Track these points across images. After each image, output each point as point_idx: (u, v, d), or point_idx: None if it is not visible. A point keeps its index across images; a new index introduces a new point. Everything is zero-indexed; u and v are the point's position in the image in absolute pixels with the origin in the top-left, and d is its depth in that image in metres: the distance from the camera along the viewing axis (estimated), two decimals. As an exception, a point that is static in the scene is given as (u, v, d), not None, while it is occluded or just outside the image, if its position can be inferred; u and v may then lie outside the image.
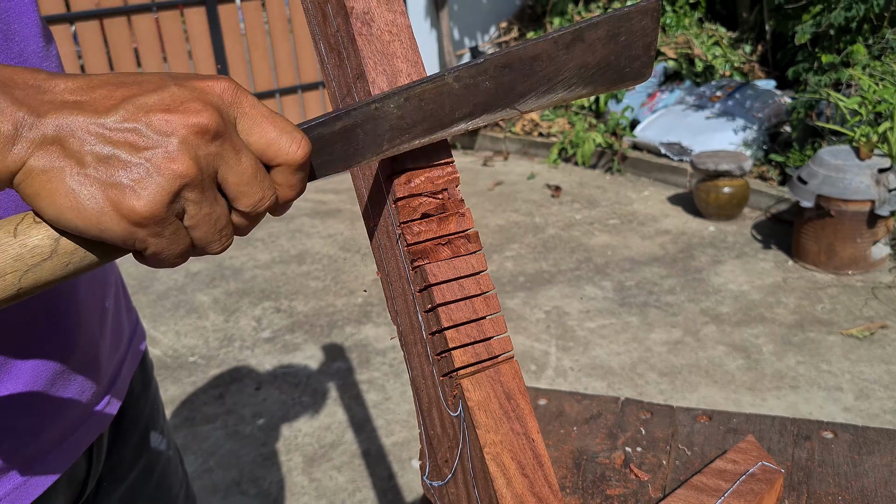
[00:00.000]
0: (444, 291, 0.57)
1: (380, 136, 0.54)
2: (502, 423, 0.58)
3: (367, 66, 0.57)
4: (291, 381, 3.29)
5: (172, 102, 0.46)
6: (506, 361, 0.60)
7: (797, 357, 3.21)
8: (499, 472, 0.57)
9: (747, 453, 0.94)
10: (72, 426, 0.81)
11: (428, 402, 0.64)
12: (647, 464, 1.01)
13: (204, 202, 0.47)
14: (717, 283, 3.91)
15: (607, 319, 3.63)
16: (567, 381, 3.15)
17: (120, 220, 0.45)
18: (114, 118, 0.45)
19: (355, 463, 2.73)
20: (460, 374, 0.58)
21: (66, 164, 0.45)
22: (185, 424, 3.01)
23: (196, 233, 0.48)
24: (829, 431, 1.05)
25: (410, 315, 0.62)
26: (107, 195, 0.45)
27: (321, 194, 5.58)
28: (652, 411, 1.12)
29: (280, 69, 6.05)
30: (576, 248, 4.45)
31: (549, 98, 0.59)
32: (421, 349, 0.62)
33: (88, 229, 0.45)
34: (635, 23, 0.59)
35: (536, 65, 0.57)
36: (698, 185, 4.66)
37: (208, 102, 0.47)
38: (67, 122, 0.45)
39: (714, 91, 5.69)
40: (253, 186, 0.49)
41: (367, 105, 0.53)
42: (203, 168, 0.47)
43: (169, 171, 0.45)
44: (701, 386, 3.05)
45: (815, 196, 3.78)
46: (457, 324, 0.58)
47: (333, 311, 3.88)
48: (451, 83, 0.55)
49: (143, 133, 0.45)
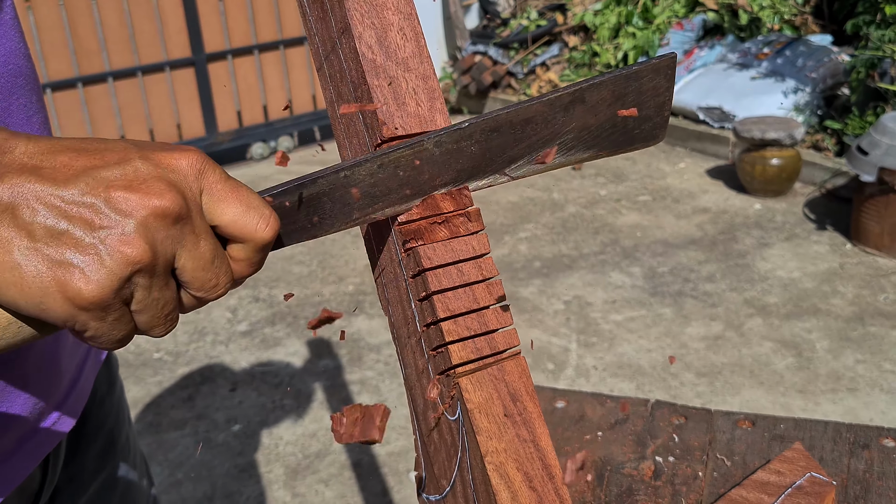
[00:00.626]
0: (440, 277, 0.57)
1: (349, 204, 0.55)
2: (507, 429, 0.58)
3: (352, 19, 0.57)
4: (271, 381, 3.30)
5: (135, 179, 0.49)
6: (511, 358, 0.59)
7: (856, 355, 3.22)
8: (502, 485, 0.57)
9: (794, 463, 0.95)
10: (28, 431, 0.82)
11: (423, 404, 0.64)
12: (680, 475, 1.02)
13: (154, 287, 0.50)
14: (764, 269, 3.91)
15: (636, 311, 3.63)
16: (590, 381, 3.16)
17: (64, 302, 0.47)
18: (72, 191, 0.47)
19: (345, 475, 2.75)
20: (458, 373, 0.58)
21: (14, 234, 0.47)
22: (150, 430, 3.02)
23: (141, 317, 0.51)
24: (890, 439, 1.05)
25: (403, 304, 0.61)
26: (54, 274, 0.47)
27: (307, 166, 5.58)
28: (686, 415, 1.13)
29: (259, 21, 6.04)
30: (600, 228, 4.45)
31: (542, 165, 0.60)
32: (415, 343, 0.62)
33: (28, 307, 0.47)
34: (645, 82, 0.60)
35: (530, 128, 0.58)
36: (742, 157, 4.65)
37: (172, 182, 0.49)
38: (23, 189, 0.47)
39: (761, 47, 5.66)
40: (209, 272, 0.52)
41: (336, 173, 0.54)
42: (158, 253, 0.49)
43: (122, 256, 0.47)
44: (744, 388, 3.06)
45: (878, 169, 3.77)
46: (454, 314, 0.57)
47: (320, 300, 3.89)
48: (432, 149, 0.56)
49: (100, 210, 0.47)
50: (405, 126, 0.58)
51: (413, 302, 0.59)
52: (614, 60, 6.31)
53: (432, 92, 0.60)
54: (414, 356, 0.62)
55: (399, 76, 0.59)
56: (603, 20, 6.51)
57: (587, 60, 6.50)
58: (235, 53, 5.99)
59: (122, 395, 1.09)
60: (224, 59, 5.96)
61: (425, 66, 0.60)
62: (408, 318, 0.61)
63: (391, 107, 0.58)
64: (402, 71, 0.59)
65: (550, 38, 6.87)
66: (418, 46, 0.60)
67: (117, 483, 1.04)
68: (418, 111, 0.58)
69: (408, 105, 0.58)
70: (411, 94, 0.59)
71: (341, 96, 0.63)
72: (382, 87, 0.58)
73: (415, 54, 0.59)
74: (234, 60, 6.01)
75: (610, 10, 6.56)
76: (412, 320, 0.61)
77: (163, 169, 0.50)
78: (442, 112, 0.60)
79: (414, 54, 0.59)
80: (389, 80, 0.58)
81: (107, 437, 1.02)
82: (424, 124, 0.58)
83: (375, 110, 0.57)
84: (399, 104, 0.58)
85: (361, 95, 0.59)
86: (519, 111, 0.57)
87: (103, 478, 1.01)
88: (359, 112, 0.60)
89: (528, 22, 6.94)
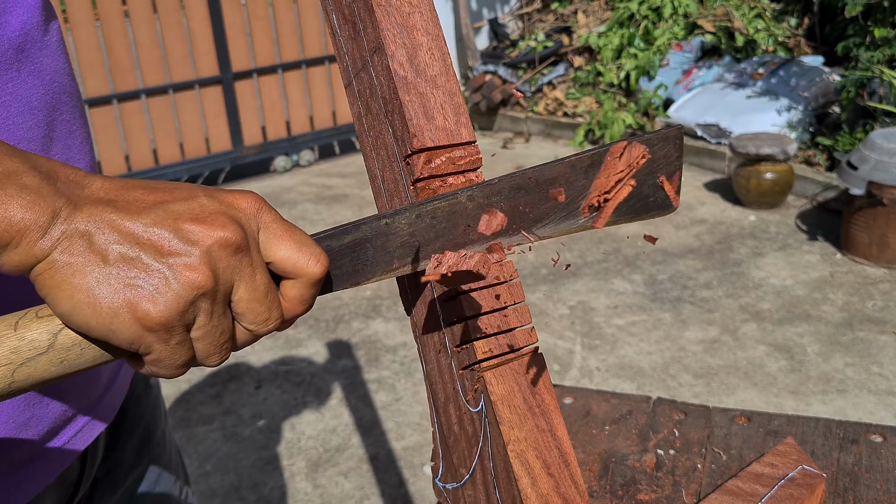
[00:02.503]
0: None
1: (390, 252, 0.56)
2: (527, 419, 0.59)
3: (385, 39, 0.58)
4: (294, 379, 3.31)
5: (201, 213, 0.50)
6: (529, 354, 0.60)
7: (845, 358, 3.21)
8: (523, 471, 0.58)
9: (786, 456, 0.95)
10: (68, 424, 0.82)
11: (444, 397, 0.65)
12: (680, 467, 1.02)
13: (214, 314, 0.51)
14: (758, 277, 3.90)
15: (637, 316, 3.63)
16: (593, 382, 3.16)
17: (132, 323, 0.48)
18: (144, 221, 0.49)
19: (363, 468, 2.75)
20: (482, 367, 0.59)
21: (90, 259, 0.48)
22: (181, 425, 3.04)
23: (200, 344, 0.52)
24: (877, 435, 1.05)
25: (427, 304, 0.62)
26: (124, 296, 0.48)
27: (326, 178, 5.61)
28: (686, 412, 1.13)
29: (283, 42, 6.06)
30: (603, 238, 4.45)
31: (568, 224, 0.60)
32: (438, 341, 0.62)
33: (98, 327, 0.49)
34: (657, 150, 0.61)
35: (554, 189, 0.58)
36: (738, 171, 4.65)
37: (233, 217, 0.51)
38: (100, 217, 0.49)
39: (756, 68, 5.66)
40: (262, 304, 0.53)
41: (378, 220, 0.55)
42: (220, 280, 0.50)
43: (187, 280, 0.49)
44: (739, 389, 3.06)
45: (867, 183, 3.77)
46: (479, 313, 0.58)
47: (339, 304, 3.90)
48: (464, 202, 0.56)
49: (169, 239, 0.49)
50: (434, 139, 0.59)
51: (438, 302, 0.60)
52: (617, 80, 6.31)
53: (458, 107, 0.60)
54: (437, 354, 0.63)
55: (428, 92, 0.59)
56: (606, 42, 6.52)
57: (591, 80, 6.50)
58: (260, 72, 6.02)
59: (158, 393, 1.10)
60: (250, 77, 5.99)
61: (451, 83, 0.60)
62: (431, 317, 0.62)
63: (421, 120, 0.59)
64: (430, 87, 0.60)
65: (557, 59, 6.88)
66: (445, 65, 0.60)
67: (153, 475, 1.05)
68: (445, 125, 0.59)
69: (436, 119, 0.59)
70: (439, 108, 0.60)
71: (370, 111, 0.64)
72: (413, 101, 0.59)
73: (442, 72, 0.60)
74: (259, 79, 6.03)
75: (613, 32, 6.56)
76: (436, 319, 0.62)
77: (226, 206, 0.52)
78: (466, 126, 0.60)
79: (441, 72, 0.60)
80: (420, 95, 0.59)
81: (143, 433, 1.03)
82: (451, 137, 0.59)
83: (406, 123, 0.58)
84: (428, 118, 0.59)
85: (392, 109, 0.60)
86: (544, 171, 0.58)
87: (139, 471, 1.02)
88: (389, 126, 0.61)
89: (536, 43, 6.95)
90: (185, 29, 5.68)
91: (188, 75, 5.76)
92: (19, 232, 0.47)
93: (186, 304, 0.49)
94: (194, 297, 0.49)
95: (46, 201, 0.48)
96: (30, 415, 0.77)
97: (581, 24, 6.94)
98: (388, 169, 0.63)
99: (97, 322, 0.48)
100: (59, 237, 0.48)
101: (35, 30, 0.75)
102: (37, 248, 0.48)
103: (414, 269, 0.57)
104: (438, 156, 0.59)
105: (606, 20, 6.84)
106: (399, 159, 0.60)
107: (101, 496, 0.95)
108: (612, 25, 6.61)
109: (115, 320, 0.48)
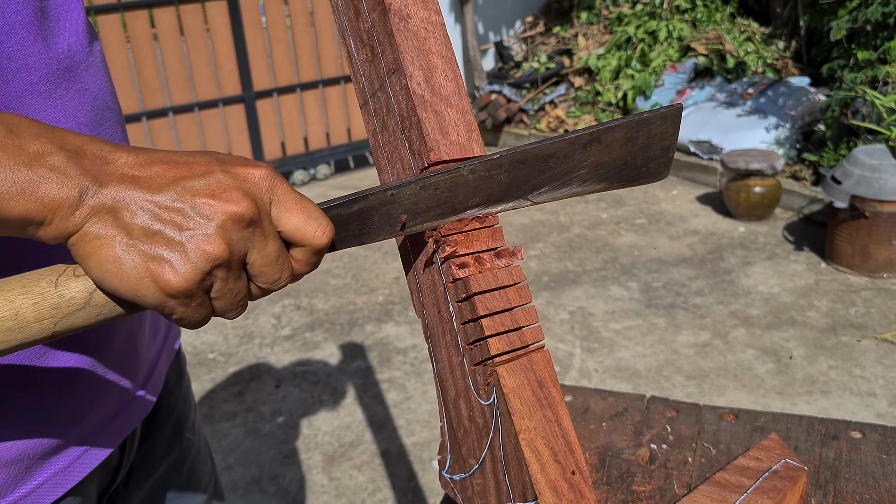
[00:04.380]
0: (479, 281, 0.60)
1: (393, 218, 0.58)
2: (536, 410, 0.60)
3: (404, 61, 0.60)
4: (311, 379, 3.33)
5: (217, 189, 0.52)
6: (537, 350, 0.62)
7: (829, 361, 3.21)
8: (533, 458, 0.59)
9: (770, 451, 0.96)
10: (111, 415, 0.84)
11: (455, 393, 0.66)
12: (672, 461, 1.03)
13: (229, 279, 0.54)
14: (747, 284, 3.90)
15: (633, 321, 3.64)
16: (591, 382, 3.16)
17: (156, 291, 0.51)
18: (164, 197, 0.51)
19: (375, 462, 2.76)
20: (496, 362, 0.60)
21: (116, 233, 0.51)
22: (205, 421, 3.05)
23: (218, 303, 0.55)
24: (857, 431, 1.06)
25: (440, 306, 0.64)
26: (148, 267, 0.50)
27: (341, 191, 5.62)
28: (678, 409, 1.14)
29: (301, 63, 6.09)
30: (601, 247, 4.46)
31: (562, 192, 0.62)
32: (450, 339, 0.64)
33: (125, 293, 0.51)
34: (654, 128, 0.62)
35: (551, 162, 0.60)
36: (728, 185, 4.65)
37: (247, 192, 0.53)
38: (124, 195, 0.51)
39: (746, 88, 5.67)
40: (273, 268, 0.55)
41: (384, 191, 0.57)
42: (234, 251, 0.53)
43: (204, 253, 0.51)
44: (729, 389, 3.06)
45: (850, 196, 3.77)
46: (492, 312, 0.60)
47: (354, 309, 3.91)
48: (467, 175, 0.58)
49: (187, 214, 0.51)
50: (449, 152, 0.60)
51: (452, 303, 0.62)
52: (615, 98, 6.32)
53: (469, 124, 0.62)
54: (448, 352, 0.64)
55: (443, 110, 0.61)
56: (605, 63, 6.53)
57: (591, 99, 6.51)
58: (280, 91, 6.04)
59: (188, 387, 1.11)
60: (270, 96, 6.01)
61: (463, 102, 0.62)
62: (443, 318, 0.63)
63: (437, 136, 0.60)
64: (445, 106, 0.61)
65: (558, 79, 6.89)
66: (458, 86, 0.62)
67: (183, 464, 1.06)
68: (458, 140, 0.61)
69: (450, 135, 0.61)
70: (453, 125, 0.61)
71: (386, 128, 0.65)
72: (430, 118, 0.60)
73: (455, 92, 0.62)
74: (279, 97, 6.06)
75: (611, 54, 6.58)
76: (448, 319, 0.63)
77: (240, 180, 0.53)
78: (477, 142, 0.62)
79: (454, 92, 0.62)
80: (436, 113, 0.60)
81: (175, 423, 1.04)
82: (464, 151, 0.61)
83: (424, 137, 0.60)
84: (444, 134, 0.60)
85: (409, 126, 0.61)
86: (544, 147, 0.59)
87: (172, 458, 1.03)
88: (405, 141, 0.62)
89: (539, 65, 6.96)
90: (210, 51, 5.71)
91: (213, 94, 5.79)
92: (51, 210, 0.50)
93: (204, 273, 0.51)
94: (210, 268, 0.51)
95: (74, 180, 0.50)
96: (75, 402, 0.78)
97: (581, 47, 6.96)
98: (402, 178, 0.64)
99: (124, 289, 0.51)
100: (87, 213, 0.50)
101: (80, 51, 0.76)
102: (69, 223, 0.50)
103: (414, 229, 0.59)
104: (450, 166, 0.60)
105: (605, 43, 6.85)
106: (415, 171, 0.62)
107: (137, 481, 0.97)
108: (611, 48, 6.63)
109: (140, 288, 0.51)
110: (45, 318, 0.50)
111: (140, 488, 0.97)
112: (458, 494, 0.70)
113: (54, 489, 0.77)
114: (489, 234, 0.62)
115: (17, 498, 0.74)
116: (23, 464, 0.74)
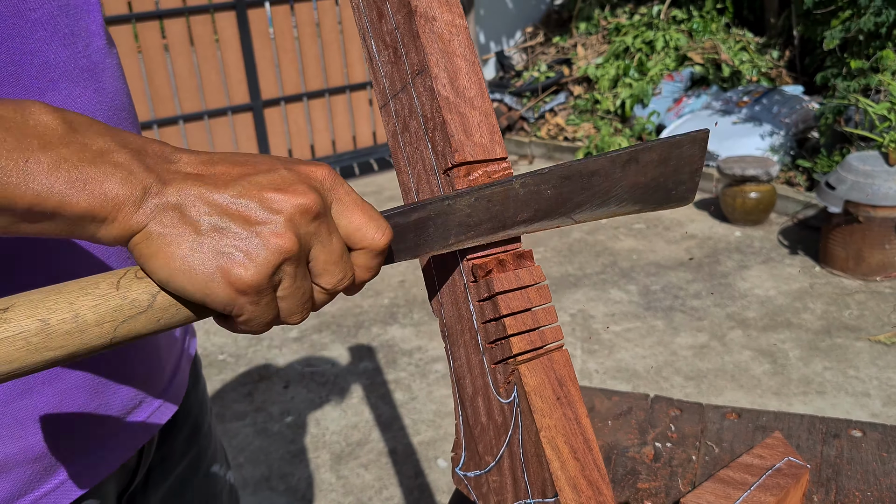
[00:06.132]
0: (501, 281, 0.59)
1: (448, 230, 0.57)
2: (556, 409, 0.60)
3: (430, 63, 0.59)
4: (319, 380, 3.33)
5: (282, 183, 0.50)
6: (557, 350, 0.62)
7: (824, 363, 3.21)
8: (554, 455, 0.59)
9: (774, 449, 0.96)
10: (135, 416, 0.84)
11: (473, 391, 0.65)
12: (676, 459, 1.03)
13: (297, 276, 0.51)
14: (744, 288, 3.90)
15: (633, 323, 3.64)
16: (592, 383, 3.16)
17: (226, 287, 0.48)
18: (230, 193, 0.49)
19: (382, 461, 2.76)
20: (517, 361, 0.60)
21: (183, 230, 0.48)
22: (216, 421, 3.04)
23: (284, 303, 0.52)
24: (857, 430, 1.06)
25: (459, 305, 0.63)
26: (218, 263, 0.48)
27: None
28: (682, 408, 1.14)
29: (308, 73, 6.10)
30: (601, 252, 4.46)
31: (601, 211, 0.62)
32: (469, 338, 0.63)
33: (195, 293, 0.49)
34: (685, 150, 0.63)
35: (594, 179, 0.60)
36: (724, 191, 4.65)
37: (312, 186, 0.51)
38: (189, 191, 0.49)
39: (741, 96, 5.67)
40: (338, 266, 0.53)
41: (441, 201, 0.56)
42: (302, 245, 0.50)
43: (274, 246, 0.49)
44: (727, 390, 3.05)
45: (843, 202, 3.77)
46: (514, 312, 0.59)
47: (360, 311, 3.91)
48: (518, 188, 0.58)
49: (254, 209, 0.49)
50: (473, 154, 0.59)
51: (472, 303, 0.61)
52: (613, 107, 6.33)
53: (492, 126, 0.61)
54: (466, 350, 0.64)
55: (467, 112, 0.60)
56: (603, 72, 6.54)
57: (590, 107, 6.52)
58: (287, 100, 6.05)
59: (204, 389, 1.10)
60: (278, 105, 6.02)
61: (486, 104, 0.61)
62: (463, 317, 0.63)
63: (462, 137, 0.59)
64: (469, 108, 0.60)
65: (558, 88, 6.90)
66: (480, 88, 0.61)
67: (200, 464, 1.06)
68: (482, 142, 0.60)
69: (474, 136, 0.60)
70: (476, 127, 0.60)
71: (408, 128, 0.64)
72: (455, 120, 0.59)
73: (478, 94, 0.61)
74: (287, 106, 6.07)
75: (609, 63, 6.58)
76: (468, 319, 0.62)
77: (304, 176, 0.52)
78: (500, 143, 0.61)
79: (477, 94, 0.61)
80: (460, 115, 0.60)
81: (192, 425, 1.03)
82: (487, 153, 0.60)
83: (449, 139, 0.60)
84: (468, 135, 0.60)
85: (433, 127, 0.60)
86: (588, 163, 0.59)
87: (189, 460, 1.03)
88: (429, 142, 0.62)
89: (539, 74, 6.97)
90: (219, 61, 5.72)
91: (222, 103, 5.80)
92: (115, 207, 0.47)
93: (274, 267, 0.49)
94: (280, 261, 0.49)
95: (137, 177, 0.48)
96: (99, 402, 0.78)
97: (580, 57, 6.97)
98: (424, 182, 0.64)
99: (194, 288, 0.48)
100: (152, 210, 0.48)
101: (99, 51, 0.77)
102: (133, 221, 0.48)
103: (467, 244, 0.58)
104: (476, 169, 0.59)
105: (604, 53, 6.86)
106: (437, 172, 0.61)
107: (155, 482, 0.96)
108: (609, 57, 6.63)
109: (211, 285, 0.48)
110: (106, 321, 0.47)
111: (158, 489, 0.97)
112: (473, 491, 0.69)
113: (74, 489, 0.77)
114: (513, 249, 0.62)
115: (39, 496, 0.74)
116: (46, 461, 0.74)
